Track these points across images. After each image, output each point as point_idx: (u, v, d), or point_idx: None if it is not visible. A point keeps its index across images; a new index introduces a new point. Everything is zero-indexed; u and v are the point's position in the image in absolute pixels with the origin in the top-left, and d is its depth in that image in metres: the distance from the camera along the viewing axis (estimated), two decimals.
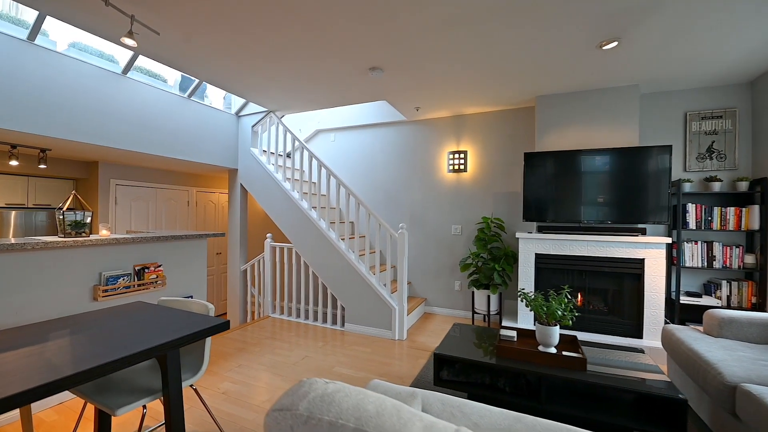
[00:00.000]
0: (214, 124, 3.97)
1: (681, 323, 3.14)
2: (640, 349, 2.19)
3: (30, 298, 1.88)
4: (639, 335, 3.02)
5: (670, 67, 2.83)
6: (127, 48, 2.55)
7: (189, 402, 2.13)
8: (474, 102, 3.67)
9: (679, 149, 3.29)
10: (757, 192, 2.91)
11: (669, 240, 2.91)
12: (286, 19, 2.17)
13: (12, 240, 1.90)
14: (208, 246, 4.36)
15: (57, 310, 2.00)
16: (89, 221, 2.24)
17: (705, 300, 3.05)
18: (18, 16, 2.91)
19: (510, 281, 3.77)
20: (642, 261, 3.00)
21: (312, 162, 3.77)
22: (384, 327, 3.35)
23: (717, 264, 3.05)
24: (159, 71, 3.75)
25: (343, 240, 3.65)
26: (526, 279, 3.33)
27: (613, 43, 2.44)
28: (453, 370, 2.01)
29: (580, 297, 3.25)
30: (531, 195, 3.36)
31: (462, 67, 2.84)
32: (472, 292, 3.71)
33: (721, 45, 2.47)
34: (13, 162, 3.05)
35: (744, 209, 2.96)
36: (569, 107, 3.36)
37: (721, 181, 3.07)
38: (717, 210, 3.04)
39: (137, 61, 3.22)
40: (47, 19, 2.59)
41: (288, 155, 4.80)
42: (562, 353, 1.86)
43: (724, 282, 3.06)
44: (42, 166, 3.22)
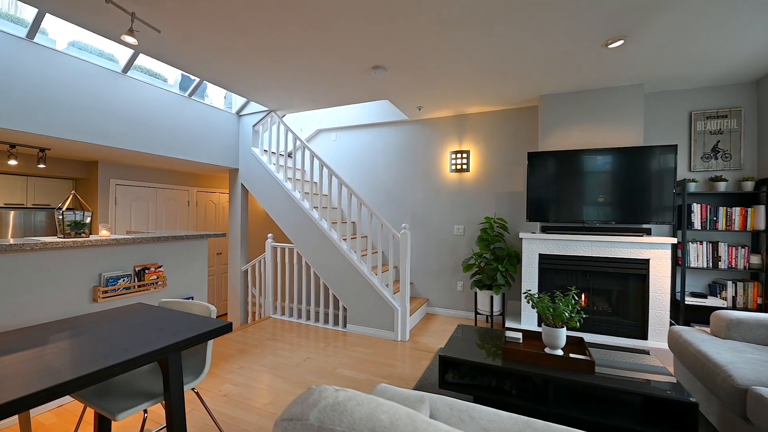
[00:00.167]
0: (214, 123, 3.94)
1: (686, 324, 3.12)
2: (645, 351, 2.16)
3: (29, 299, 1.85)
4: (644, 336, 3.00)
5: (675, 66, 2.80)
6: (128, 46, 2.52)
7: (190, 404, 2.11)
8: (476, 101, 3.65)
9: (684, 149, 3.27)
10: (763, 192, 2.88)
11: (674, 240, 2.89)
12: (288, 17, 2.14)
13: (11, 240, 1.87)
14: (208, 246, 4.33)
15: (56, 311, 1.97)
16: (89, 221, 2.21)
17: (710, 301, 3.02)
18: (17, 14, 2.88)
19: (513, 282, 3.74)
20: (647, 261, 2.97)
21: (313, 162, 3.74)
22: (386, 328, 3.32)
23: (722, 264, 3.02)
24: (159, 71, 3.72)
25: (345, 240, 3.62)
26: (529, 279, 3.30)
27: (619, 42, 2.41)
28: (458, 372, 1.98)
29: (584, 298, 3.23)
30: (534, 195, 3.33)
31: (465, 66, 2.81)
32: (474, 292, 3.68)
33: (727, 44, 2.45)
34: (12, 161, 3.02)
35: (749, 209, 2.94)
36: (573, 107, 3.33)
37: (727, 181, 3.05)
38: (722, 210, 3.01)
39: (137, 61, 3.19)
40: (47, 18, 2.56)
41: (289, 155, 4.77)
42: (569, 355, 1.84)
43: (729, 283, 3.04)
44: (41, 165, 3.19)
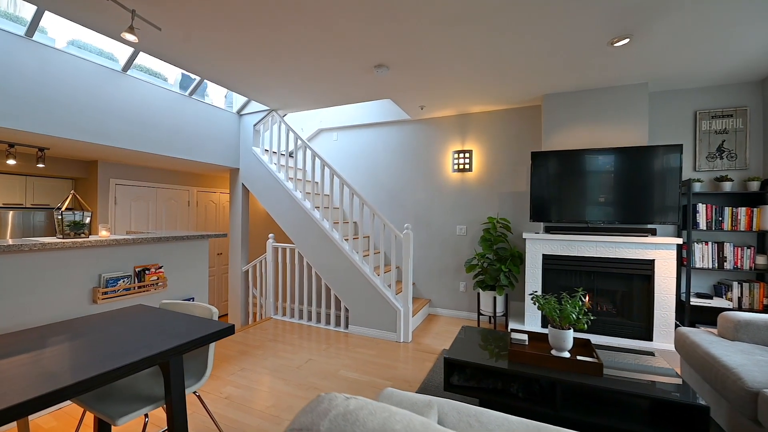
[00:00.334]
0: (215, 122, 3.91)
1: (691, 325, 3.09)
2: (650, 352, 2.14)
3: (27, 301, 1.82)
4: (649, 337, 2.97)
5: (680, 65, 2.77)
6: (128, 44, 2.49)
7: (191, 407, 2.08)
8: (479, 100, 3.62)
9: (689, 148, 3.24)
10: None
11: (680, 241, 2.86)
12: (290, 15, 2.11)
13: (9, 241, 1.84)
14: (209, 246, 4.29)
15: (55, 313, 1.94)
16: (88, 222, 2.18)
17: (716, 302, 3.00)
18: (16, 13, 2.84)
19: (517, 282, 3.72)
20: (652, 262, 2.94)
21: (315, 161, 3.71)
22: (389, 329, 3.29)
23: (728, 265, 3.00)
24: (159, 70, 3.69)
25: (347, 240, 3.59)
26: (533, 280, 3.27)
27: (625, 40, 2.38)
28: (464, 375, 1.95)
29: (588, 298, 3.20)
30: (538, 195, 3.30)
31: (469, 65, 2.78)
32: (477, 293, 3.65)
33: (733, 43, 2.42)
34: (11, 161, 2.99)
35: (755, 209, 2.91)
36: (577, 106, 3.30)
37: (732, 181, 3.02)
38: (728, 210, 2.98)
39: (137, 60, 3.16)
40: (46, 17, 2.53)
41: (290, 154, 4.74)
42: (576, 357, 1.81)
43: (735, 283, 3.01)
44: (40, 165, 3.16)
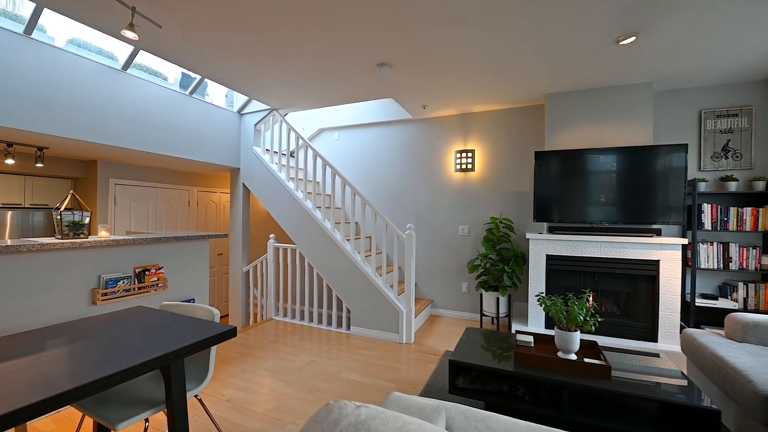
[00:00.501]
0: (215, 122, 3.88)
1: (696, 326, 3.06)
2: (655, 353, 2.11)
3: (25, 303, 1.79)
4: (654, 339, 2.94)
5: (685, 64, 2.75)
6: (128, 42, 2.46)
7: (192, 410, 2.04)
8: (482, 100, 3.59)
9: (694, 148, 3.22)
10: None
11: (685, 241, 2.84)
12: (292, 12, 2.08)
13: (8, 242, 1.81)
14: (209, 247, 4.26)
15: (54, 315, 1.91)
16: (87, 222, 2.15)
17: (721, 302, 2.97)
18: (15, 11, 2.81)
19: (520, 283, 3.69)
20: (657, 262, 2.92)
21: (316, 161, 3.68)
22: (391, 330, 3.26)
23: (733, 265, 2.97)
24: (159, 69, 3.66)
25: (349, 241, 3.57)
26: (536, 281, 3.25)
27: (631, 38, 2.35)
28: (469, 377, 1.92)
29: (591, 299, 3.17)
30: (541, 195, 3.27)
31: (472, 63, 2.75)
32: (480, 294, 3.62)
33: (739, 41, 2.40)
34: (9, 160, 2.96)
35: (761, 209, 2.88)
36: (581, 105, 3.28)
37: (737, 181, 3.00)
38: (733, 210, 2.96)
39: (137, 59, 3.13)
40: (45, 15, 2.50)
41: (291, 154, 4.71)
42: (583, 360, 1.78)
43: (740, 284, 2.99)
44: (39, 164, 3.13)
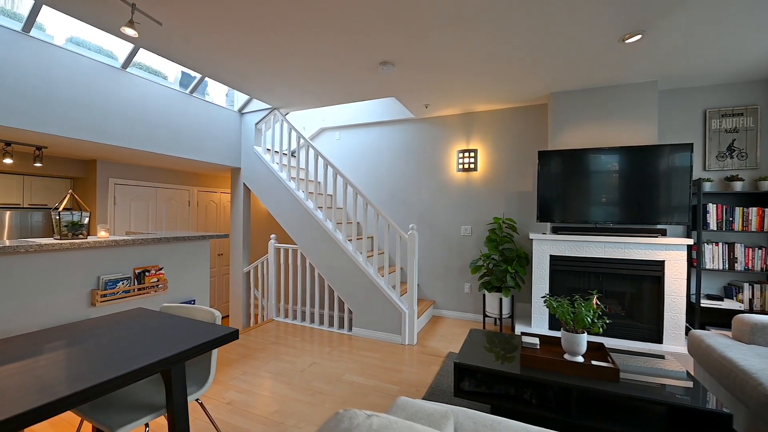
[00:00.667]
0: (216, 121, 3.84)
1: (701, 327, 3.03)
2: (660, 355, 2.09)
3: (23, 304, 1.76)
4: (659, 340, 2.92)
5: (691, 63, 2.72)
6: (128, 40, 2.43)
7: (193, 413, 2.01)
8: (485, 99, 3.56)
9: (699, 148, 3.19)
10: None
11: (690, 241, 2.81)
12: (294, 10, 2.05)
13: (6, 242, 1.78)
14: (210, 247, 4.23)
15: (52, 317, 1.88)
16: (87, 222, 2.11)
17: (726, 303, 2.95)
18: (14, 9, 2.78)
19: (523, 284, 3.66)
20: (662, 263, 2.89)
21: (318, 161, 3.65)
22: (393, 331, 3.23)
23: (739, 266, 2.94)
24: (159, 68, 3.62)
25: (350, 241, 3.53)
26: (540, 282, 3.22)
27: (637, 36, 2.33)
28: (474, 380, 1.89)
29: (596, 299, 3.14)
30: (545, 195, 3.25)
31: (476, 62, 2.72)
32: (483, 294, 3.59)
33: (745, 39, 2.37)
34: (8, 160, 2.92)
35: (767, 209, 2.86)
36: (585, 104, 3.25)
37: (743, 181, 2.97)
38: (738, 210, 2.93)
39: (136, 58, 3.10)
40: (44, 14, 2.47)
41: (293, 154, 4.68)
42: (591, 362, 1.75)
43: (746, 285, 2.96)
44: (38, 164, 3.10)
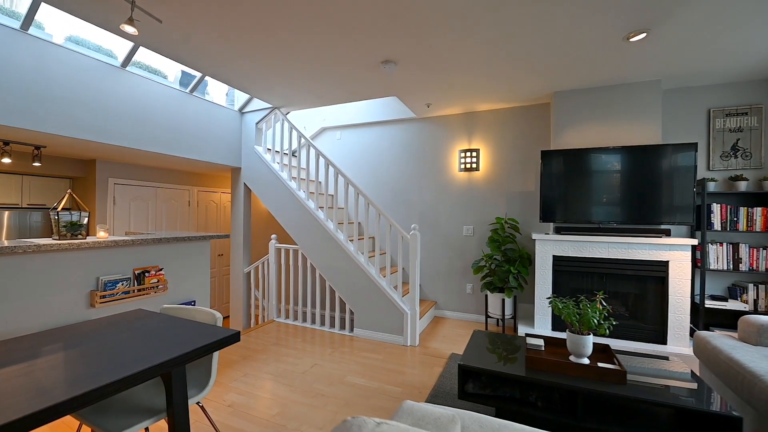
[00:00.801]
0: (216, 120, 3.82)
1: (705, 328, 3.01)
2: (665, 356, 2.06)
3: (21, 306, 1.73)
4: (663, 341, 2.89)
5: (695, 61, 2.70)
6: (127, 38, 2.40)
7: (193, 416, 1.99)
8: (487, 98, 3.54)
9: (702, 147, 3.17)
10: None
11: (694, 241, 2.79)
12: (296, 8, 2.03)
13: (4, 242, 1.75)
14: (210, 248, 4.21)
15: (51, 319, 1.85)
16: (86, 222, 2.09)
17: (731, 304, 2.92)
18: (13, 8, 2.76)
19: (526, 284, 3.63)
20: (666, 263, 2.87)
21: (319, 160, 3.62)
22: (395, 332, 3.21)
23: (743, 266, 2.92)
24: (159, 67, 3.60)
25: (352, 241, 3.51)
26: (543, 282, 3.19)
27: (642, 35, 2.30)
28: (479, 382, 1.87)
29: (601, 300, 3.12)
30: (548, 195, 3.22)
31: (479, 60, 2.70)
32: (485, 295, 3.57)
33: (750, 38, 2.35)
34: (6, 159, 2.90)
35: None
36: (588, 103, 3.23)
37: (747, 180, 2.95)
38: (743, 210, 2.91)
39: (136, 57, 3.07)
40: (43, 12, 2.44)
41: (293, 153, 4.65)
42: (597, 364, 1.73)
43: (750, 285, 2.94)
44: (36, 164, 3.07)
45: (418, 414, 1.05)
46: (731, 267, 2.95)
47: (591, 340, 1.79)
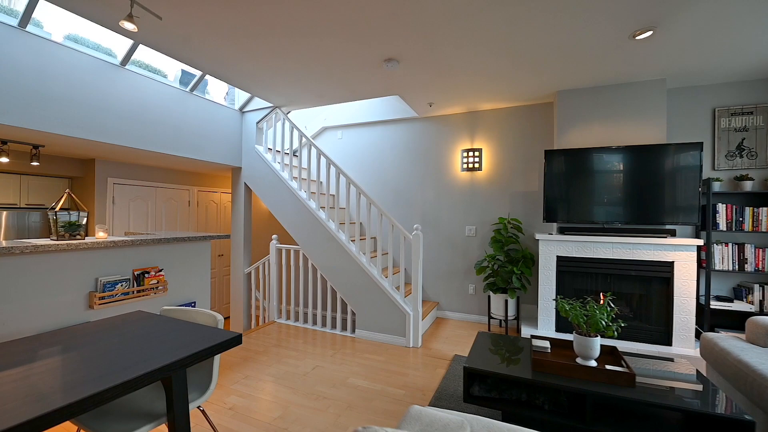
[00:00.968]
0: (216, 120, 3.79)
1: (711, 329, 2.99)
2: (671, 358, 2.03)
3: (18, 307, 1.70)
4: (668, 342, 2.87)
5: (700, 60, 2.67)
6: (126, 35, 2.37)
7: (194, 419, 1.95)
8: (490, 97, 3.51)
9: (708, 147, 3.14)
10: None
11: (700, 242, 2.76)
12: (297, 6, 1.99)
13: (2, 243, 1.72)
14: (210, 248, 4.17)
15: (49, 321, 1.82)
16: (84, 222, 2.05)
17: (736, 305, 2.90)
18: (11, 6, 2.72)
19: (529, 285, 3.61)
20: (671, 264, 2.84)
21: (320, 160, 3.59)
22: (397, 333, 3.18)
23: (749, 267, 2.89)
24: (158, 66, 3.56)
25: (353, 241, 3.48)
26: (546, 283, 3.16)
27: (648, 33, 2.28)
28: (485, 385, 1.84)
29: (602, 301, 3.09)
30: (551, 195, 3.19)
31: (482, 59, 2.67)
32: (488, 296, 3.54)
33: (756, 37, 2.32)
34: (4, 159, 2.86)
35: None
36: (592, 102, 3.20)
37: (753, 180, 2.92)
38: (748, 210, 2.88)
39: (135, 55, 3.04)
40: (42, 10, 2.41)
41: (294, 153, 4.62)
42: (605, 367, 1.70)
43: (756, 286, 2.91)
44: (35, 163, 3.04)
45: (426, 420, 1.02)
46: (737, 267, 2.92)
47: (598, 342, 1.76)
